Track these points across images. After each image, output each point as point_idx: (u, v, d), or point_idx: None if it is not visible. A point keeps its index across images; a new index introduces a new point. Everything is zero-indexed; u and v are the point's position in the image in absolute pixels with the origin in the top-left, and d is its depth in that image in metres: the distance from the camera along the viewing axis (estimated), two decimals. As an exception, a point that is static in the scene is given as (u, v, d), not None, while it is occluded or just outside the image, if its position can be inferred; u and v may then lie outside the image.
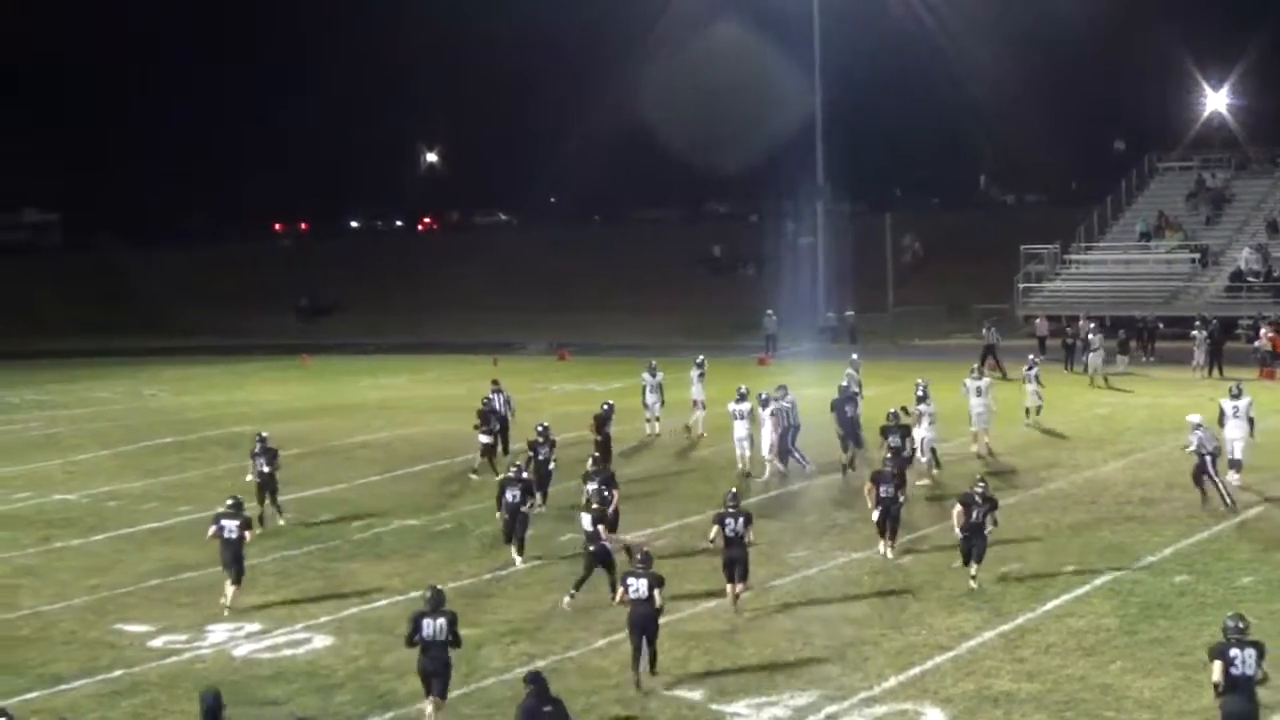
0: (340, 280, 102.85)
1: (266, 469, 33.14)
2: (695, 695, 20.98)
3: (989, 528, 25.78)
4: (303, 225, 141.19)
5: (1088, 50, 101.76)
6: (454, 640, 20.11)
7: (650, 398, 43.54)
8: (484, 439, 38.53)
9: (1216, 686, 17.83)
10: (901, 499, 28.48)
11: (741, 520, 24.75)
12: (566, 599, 25.44)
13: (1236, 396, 35.09)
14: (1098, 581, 25.92)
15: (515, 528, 28.65)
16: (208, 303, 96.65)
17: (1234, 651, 17.83)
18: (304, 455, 42.54)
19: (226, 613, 25.87)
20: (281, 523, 32.88)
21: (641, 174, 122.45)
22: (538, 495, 30.75)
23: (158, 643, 24.46)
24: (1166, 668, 21.32)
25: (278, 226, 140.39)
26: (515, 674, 21.79)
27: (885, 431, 34.14)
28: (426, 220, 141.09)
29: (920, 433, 35.83)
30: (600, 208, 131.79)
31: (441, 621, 19.99)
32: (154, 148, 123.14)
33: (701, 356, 47.28)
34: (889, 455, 32.31)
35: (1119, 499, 32.96)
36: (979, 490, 25.88)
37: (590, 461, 30.83)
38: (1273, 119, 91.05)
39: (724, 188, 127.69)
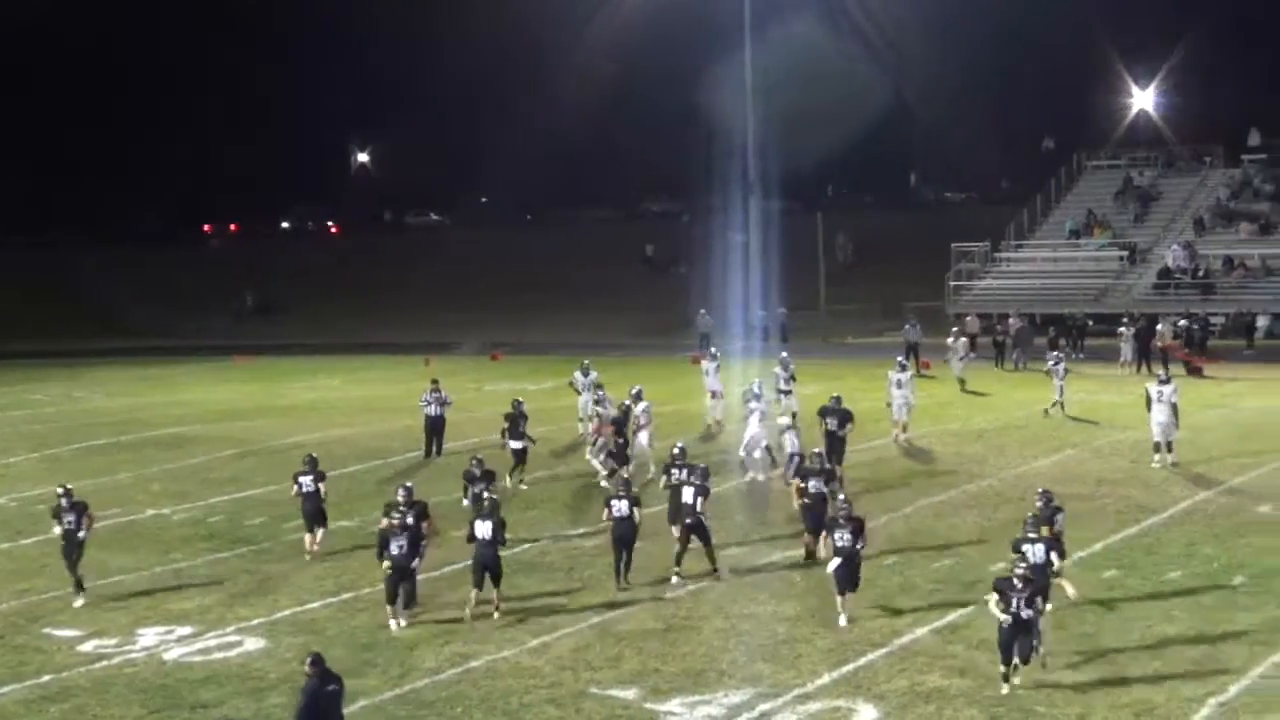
0: (277, 281, 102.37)
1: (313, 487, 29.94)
2: (629, 695, 21.00)
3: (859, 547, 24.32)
4: (232, 226, 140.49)
5: (1017, 50, 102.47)
6: None
7: (583, 397, 43.50)
8: (514, 444, 36.74)
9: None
10: (838, 492, 27.03)
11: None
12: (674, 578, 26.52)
13: (1163, 383, 37.14)
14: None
15: (399, 587, 24.80)
16: (147, 303, 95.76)
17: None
18: (239, 456, 42.39)
19: (308, 557, 28.94)
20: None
21: (576, 174, 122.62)
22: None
23: (87, 647, 24.27)
24: (1095, 662, 21.48)
25: (206, 228, 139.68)
26: (449, 675, 21.82)
27: (824, 413, 34.64)
28: (334, 225, 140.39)
29: (750, 431, 36.16)
30: (534, 208, 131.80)
31: None
32: (95, 149, 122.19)
33: (715, 348, 48.37)
34: (825, 438, 32.66)
35: (1049, 495, 33.13)
36: (842, 512, 24.24)
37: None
38: (1198, 118, 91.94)
39: (658, 187, 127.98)
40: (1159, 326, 57.84)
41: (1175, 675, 20.78)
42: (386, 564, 24.57)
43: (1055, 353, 47.77)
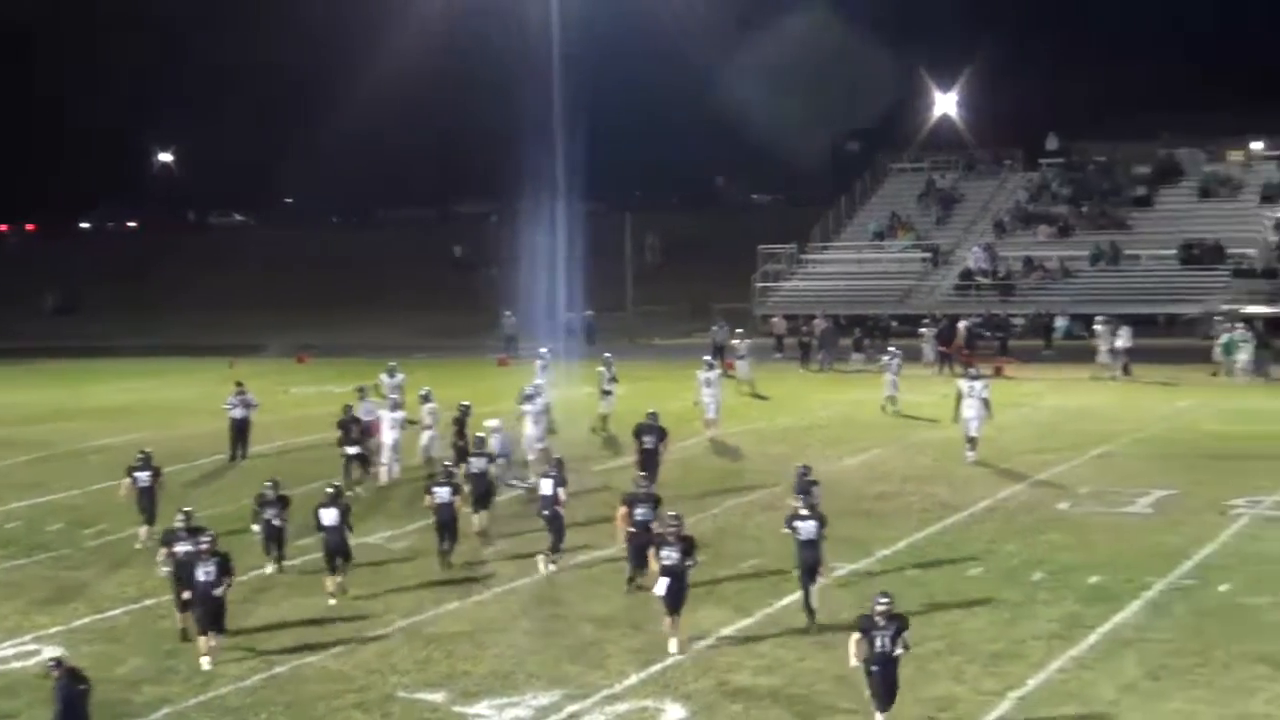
0: (78, 282, 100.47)
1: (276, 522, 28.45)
2: (437, 697, 20.87)
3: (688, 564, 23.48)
4: (29, 226, 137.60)
5: (822, 54, 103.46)
6: None
7: (391, 399, 43.18)
8: (350, 450, 36.10)
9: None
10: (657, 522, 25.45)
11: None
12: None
13: (974, 379, 37.95)
14: (833, 576, 26.35)
15: (206, 615, 22.96)
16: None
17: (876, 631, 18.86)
18: (40, 460, 41.59)
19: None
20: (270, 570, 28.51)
21: (383, 175, 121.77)
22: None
23: (-120, 658, 23.63)
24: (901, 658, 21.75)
25: (2, 227, 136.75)
26: (253, 681, 21.54)
27: (641, 431, 33.88)
28: (135, 225, 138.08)
29: (525, 431, 36.47)
30: (340, 208, 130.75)
31: None
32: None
33: (545, 349, 48.49)
34: (640, 456, 32.55)
35: (855, 494, 33.53)
36: (671, 529, 23.12)
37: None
38: (999, 121, 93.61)
39: (466, 188, 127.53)
40: (959, 326, 58.84)
41: (976, 670, 21.11)
42: (186, 594, 23.24)
43: (891, 349, 48.62)
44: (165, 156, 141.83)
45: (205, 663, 22.32)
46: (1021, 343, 63.61)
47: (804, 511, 24.00)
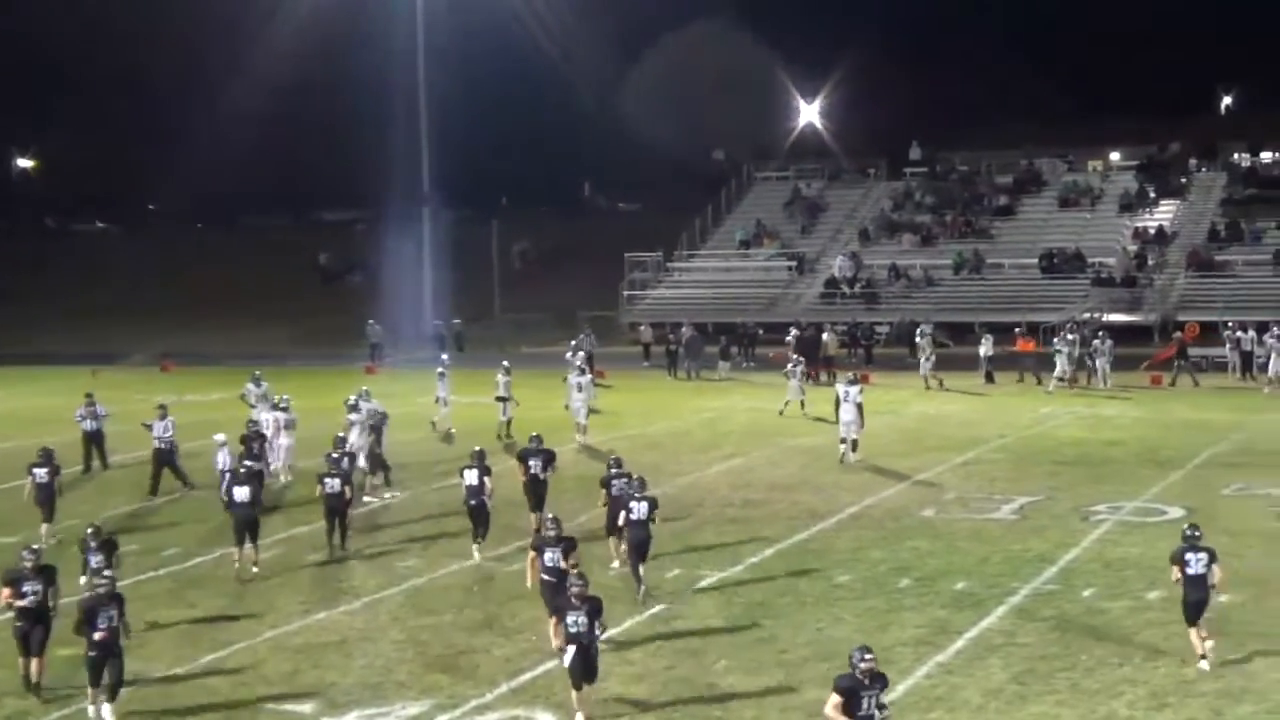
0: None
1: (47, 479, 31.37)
2: (305, 709, 20.69)
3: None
4: None
5: (689, 61, 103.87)
6: None
7: (257, 408, 42.76)
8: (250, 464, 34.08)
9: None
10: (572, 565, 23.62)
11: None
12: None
13: (850, 383, 38.82)
14: (703, 584, 26.45)
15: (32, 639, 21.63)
16: None
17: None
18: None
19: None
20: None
21: (247, 180, 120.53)
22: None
23: None
24: (769, 666, 21.85)
25: None
26: (120, 694, 21.16)
27: (526, 455, 31.06)
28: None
29: (353, 437, 36.02)
30: (205, 215, 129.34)
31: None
32: None
33: (446, 356, 48.10)
34: (527, 481, 30.89)
35: (722, 502, 33.72)
36: (574, 589, 20.49)
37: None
38: (863, 131, 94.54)
39: (331, 194, 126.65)
40: (824, 336, 59.25)
41: (845, 676, 21.22)
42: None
43: (795, 355, 49.43)
44: (24, 162, 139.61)
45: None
46: (887, 350, 64.22)
47: (637, 495, 26.09)
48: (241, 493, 28.14)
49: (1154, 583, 25.27)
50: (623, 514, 26.25)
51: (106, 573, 21.78)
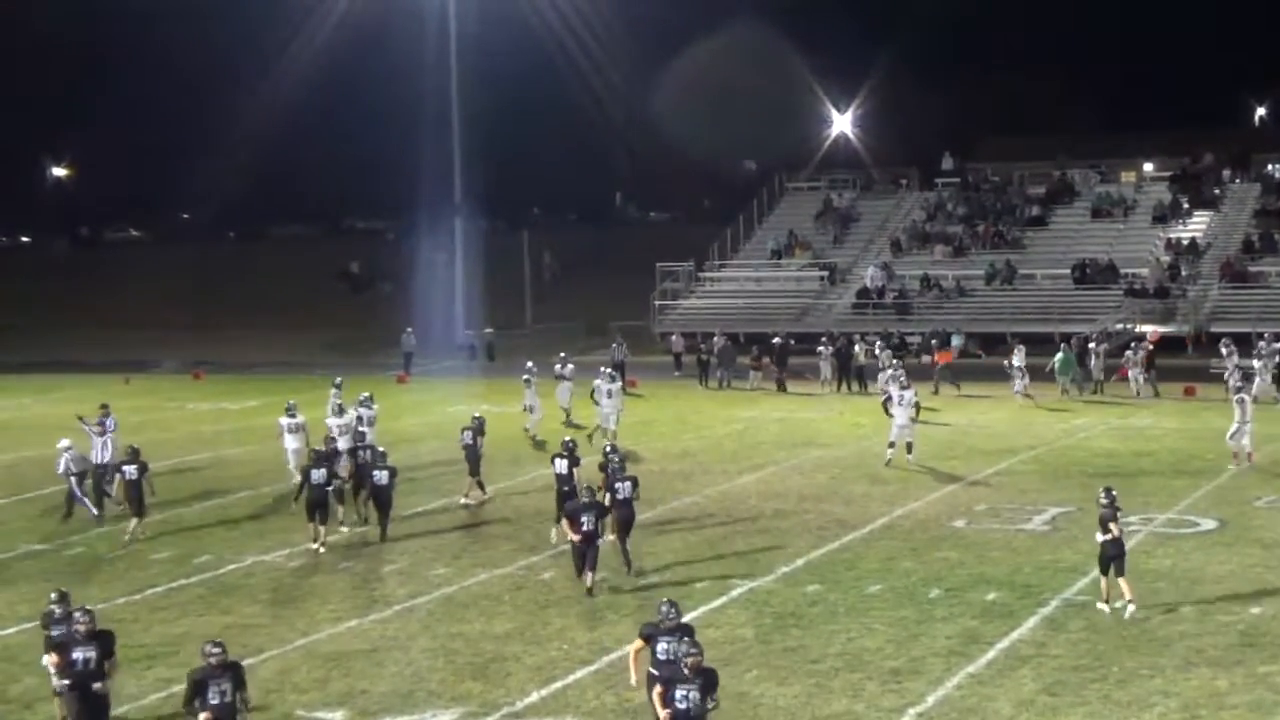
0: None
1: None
2: (336, 716, 20.72)
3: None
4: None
5: (721, 72, 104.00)
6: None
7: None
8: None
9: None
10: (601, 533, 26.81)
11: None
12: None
13: (905, 388, 39.60)
14: (734, 593, 26.42)
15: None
16: None
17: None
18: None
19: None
20: None
21: (279, 190, 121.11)
22: None
23: None
24: (800, 675, 21.82)
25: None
26: (151, 700, 21.26)
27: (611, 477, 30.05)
28: (26, 240, 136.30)
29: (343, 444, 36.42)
30: (237, 224, 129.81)
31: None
32: None
33: (531, 363, 47.78)
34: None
35: (753, 512, 33.67)
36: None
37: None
38: (895, 141, 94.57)
39: (362, 204, 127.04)
40: (855, 347, 59.09)
41: (875, 688, 21.20)
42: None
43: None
44: (58, 171, 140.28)
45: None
46: (918, 361, 64.06)
47: (622, 476, 28.31)
48: (318, 475, 30.44)
49: (1187, 594, 25.19)
50: (608, 495, 27.94)
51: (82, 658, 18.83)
